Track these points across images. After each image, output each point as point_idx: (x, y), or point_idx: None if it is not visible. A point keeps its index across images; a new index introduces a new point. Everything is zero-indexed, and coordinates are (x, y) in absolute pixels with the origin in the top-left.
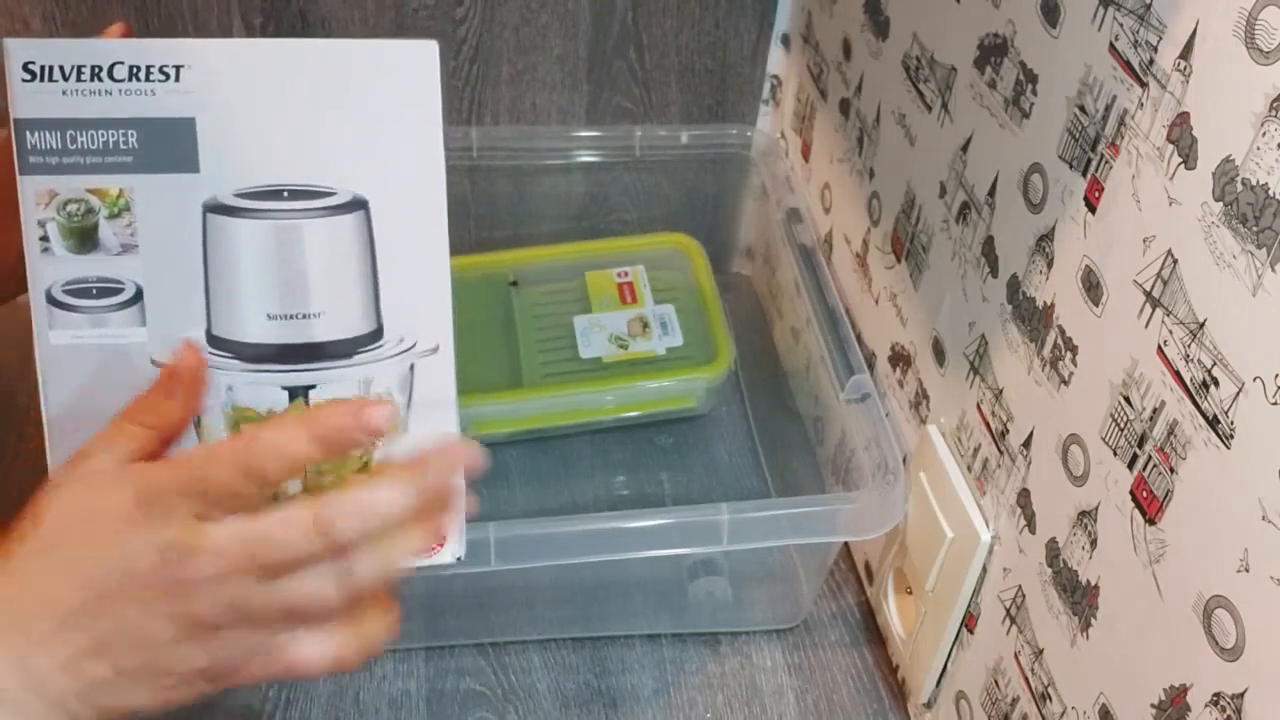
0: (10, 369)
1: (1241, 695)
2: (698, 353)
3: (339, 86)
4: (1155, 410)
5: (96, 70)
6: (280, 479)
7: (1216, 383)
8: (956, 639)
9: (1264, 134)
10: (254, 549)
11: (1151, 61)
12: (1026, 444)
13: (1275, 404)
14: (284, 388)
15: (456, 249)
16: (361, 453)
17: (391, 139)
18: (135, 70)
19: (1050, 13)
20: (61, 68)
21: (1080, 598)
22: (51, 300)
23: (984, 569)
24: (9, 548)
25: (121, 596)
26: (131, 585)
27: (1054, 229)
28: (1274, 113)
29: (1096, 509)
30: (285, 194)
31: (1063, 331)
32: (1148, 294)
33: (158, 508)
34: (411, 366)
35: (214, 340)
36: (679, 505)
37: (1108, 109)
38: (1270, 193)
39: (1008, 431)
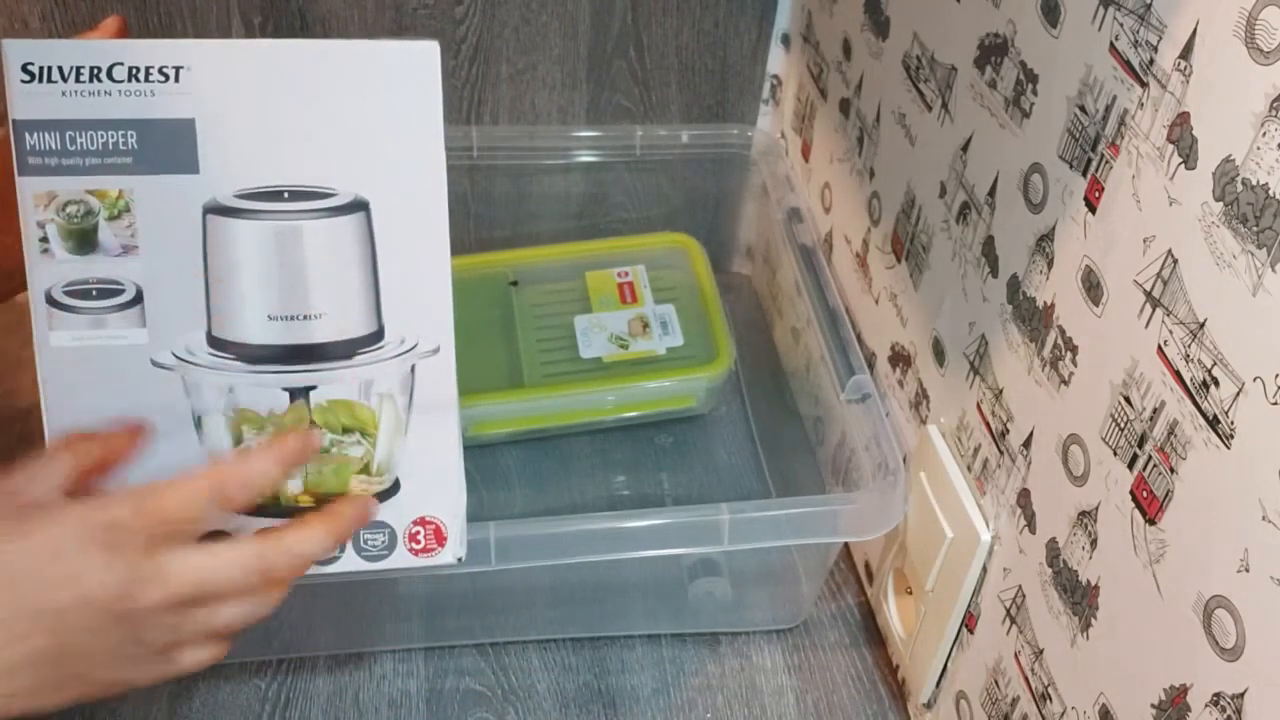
0: (10, 369)
1: (1241, 695)
2: (698, 353)
3: (339, 87)
4: (1155, 410)
5: (96, 71)
6: (247, 504)
7: (1216, 383)
8: (956, 639)
9: (1264, 134)
10: (203, 585)
11: (1151, 61)
12: (1026, 444)
13: (1275, 404)
14: (285, 389)
15: (456, 249)
16: (363, 453)
17: (392, 140)
18: (135, 71)
19: (1050, 12)
20: (60, 69)
21: (1080, 598)
22: (51, 302)
23: (984, 569)
24: None
25: (76, 621)
26: (88, 611)
27: (1054, 229)
28: (1274, 113)
29: (1096, 509)
30: (286, 195)
31: (1063, 331)
32: (1148, 294)
33: (118, 539)
34: (412, 368)
35: (214, 341)
36: (679, 505)
37: (1108, 109)
38: (1270, 193)
39: (1008, 431)
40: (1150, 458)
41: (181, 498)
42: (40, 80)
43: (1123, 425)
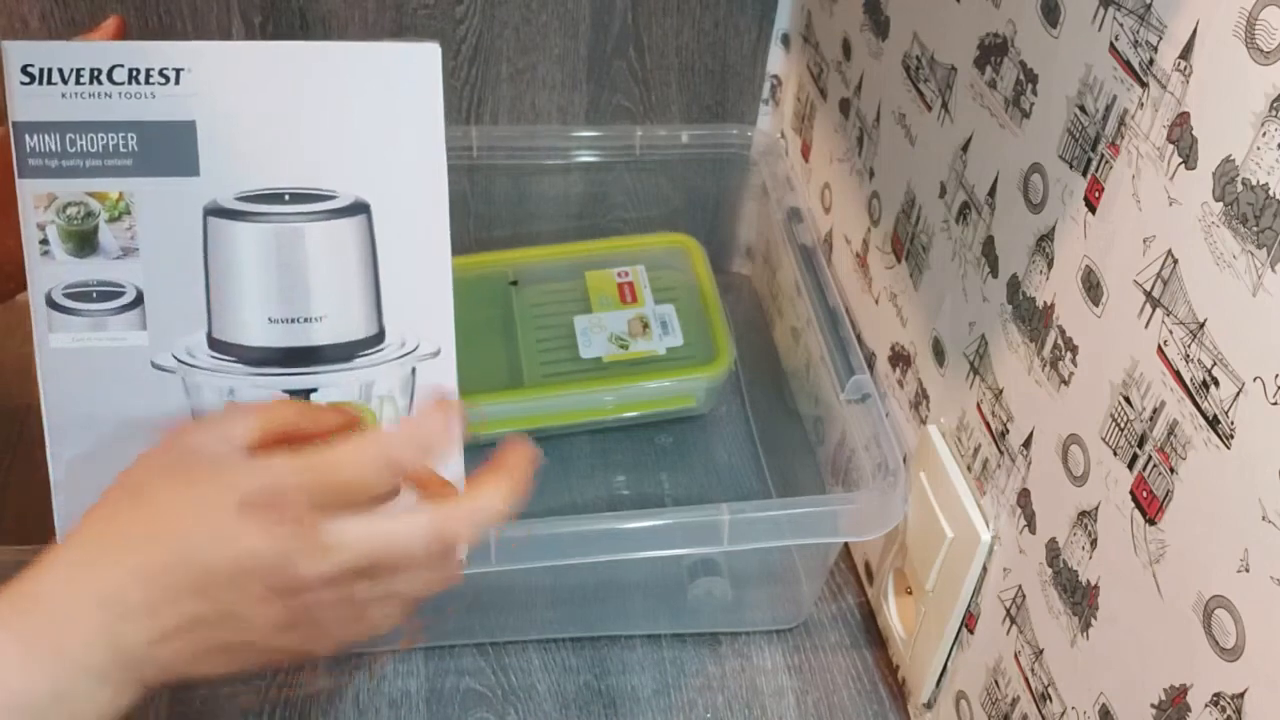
0: (10, 369)
1: (1241, 695)
2: (698, 353)
3: (340, 89)
4: (1155, 410)
5: (96, 73)
6: (415, 469)
7: (1216, 383)
8: (956, 639)
9: (1264, 134)
10: (379, 555)
11: (1151, 61)
12: (1026, 444)
13: (1275, 404)
14: (285, 391)
15: (456, 249)
16: None
17: (393, 142)
18: (135, 73)
19: (1050, 12)
20: (60, 70)
21: (1080, 598)
22: (51, 304)
23: (984, 569)
24: (102, 513)
25: (230, 586)
26: (243, 578)
27: (1054, 229)
28: (1274, 113)
29: (1096, 509)
30: (286, 197)
31: (1063, 331)
32: (1148, 294)
33: (279, 504)
34: (413, 370)
35: (215, 344)
36: (679, 505)
37: (1108, 109)
38: (1270, 193)
39: (1008, 431)
40: (1150, 458)
41: (355, 464)
42: (40, 82)
43: (1123, 425)
